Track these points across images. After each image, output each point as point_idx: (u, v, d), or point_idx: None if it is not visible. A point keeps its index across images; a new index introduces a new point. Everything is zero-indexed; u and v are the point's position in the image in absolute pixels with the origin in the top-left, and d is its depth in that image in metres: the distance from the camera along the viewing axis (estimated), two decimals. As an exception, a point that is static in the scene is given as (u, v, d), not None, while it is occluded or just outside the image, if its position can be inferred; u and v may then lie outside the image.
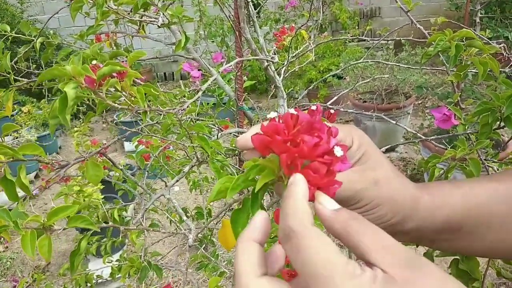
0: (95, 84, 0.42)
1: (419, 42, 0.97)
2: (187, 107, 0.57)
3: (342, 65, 3.67)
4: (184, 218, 0.72)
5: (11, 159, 0.50)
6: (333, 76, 3.64)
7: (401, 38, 0.95)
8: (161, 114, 0.76)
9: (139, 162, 1.10)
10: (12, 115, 4.37)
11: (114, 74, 0.48)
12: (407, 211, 0.39)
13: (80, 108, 4.42)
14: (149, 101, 0.59)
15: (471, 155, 0.65)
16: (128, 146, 4.12)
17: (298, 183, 0.28)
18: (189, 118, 0.72)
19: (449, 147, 0.72)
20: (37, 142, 3.98)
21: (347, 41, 4.21)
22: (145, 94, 0.54)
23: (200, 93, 0.59)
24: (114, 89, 0.53)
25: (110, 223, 0.67)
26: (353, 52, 3.88)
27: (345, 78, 3.77)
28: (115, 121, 4.93)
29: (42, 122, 4.31)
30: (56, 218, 0.49)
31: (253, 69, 4.73)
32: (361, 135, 0.39)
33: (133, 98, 0.53)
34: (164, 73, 6.40)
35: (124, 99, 0.51)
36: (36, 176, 3.82)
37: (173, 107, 0.56)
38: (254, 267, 0.28)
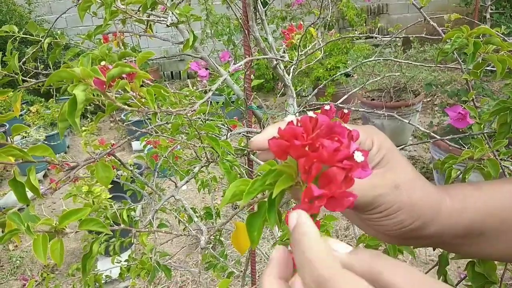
0: (104, 86, 0.41)
1: (431, 38, 0.95)
2: (197, 108, 0.56)
3: (349, 62, 3.64)
4: (195, 219, 0.71)
5: (21, 161, 0.49)
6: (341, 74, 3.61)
7: (413, 36, 0.94)
8: (170, 114, 0.75)
9: (150, 162, 1.09)
10: (21, 115, 4.40)
11: (124, 76, 0.47)
12: (428, 215, 0.38)
13: (88, 107, 4.45)
14: (158, 101, 0.58)
15: (487, 155, 0.63)
16: (136, 145, 4.13)
17: (304, 223, 0.26)
18: (198, 118, 0.71)
19: (466, 147, 0.70)
20: (45, 142, 4.00)
21: (354, 39, 4.18)
22: (154, 95, 0.53)
23: (210, 93, 0.58)
24: (123, 90, 0.52)
25: (121, 225, 0.66)
26: (361, 50, 3.85)
27: (352, 76, 3.74)
28: (123, 120, 4.95)
29: (51, 121, 4.34)
30: (67, 222, 0.49)
31: (260, 68, 4.72)
32: (381, 137, 0.38)
33: (142, 100, 0.52)
34: (171, 72, 6.41)
35: (134, 101, 0.50)
36: (45, 176, 3.84)
37: (183, 107, 0.55)
38: None
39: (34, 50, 1.06)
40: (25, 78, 1.00)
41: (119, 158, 0.66)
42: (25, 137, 4.04)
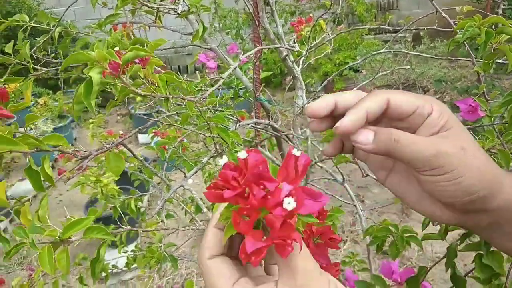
0: (119, 70, 0.42)
1: (442, 31, 0.94)
2: (208, 95, 0.56)
3: (358, 58, 3.62)
4: (204, 209, 0.71)
5: (35, 150, 0.49)
6: (349, 69, 3.60)
7: (424, 28, 0.93)
8: (180, 105, 0.75)
9: (160, 153, 1.09)
10: (28, 107, 4.42)
11: (137, 61, 0.47)
12: (493, 186, 0.36)
13: (96, 100, 4.46)
14: (168, 91, 0.58)
15: (497, 147, 0.63)
16: (142, 138, 4.14)
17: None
18: (208, 108, 0.71)
19: (477, 138, 0.70)
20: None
21: (363, 34, 4.16)
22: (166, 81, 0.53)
23: (221, 81, 0.58)
24: (133, 78, 0.52)
25: (127, 227, 0.67)
26: (370, 45, 3.82)
27: (361, 72, 3.72)
28: (130, 114, 4.96)
29: (58, 113, 4.36)
30: (71, 232, 0.49)
31: (268, 63, 4.70)
32: (441, 104, 0.37)
33: (154, 87, 0.52)
34: (179, 66, 6.41)
35: (146, 86, 0.51)
36: (52, 167, 3.87)
37: (195, 95, 0.55)
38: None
39: (45, 39, 1.06)
40: (36, 67, 1.01)
41: (129, 148, 0.67)
42: (32, 129, 4.07)
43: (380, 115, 0.37)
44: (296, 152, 0.29)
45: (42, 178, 0.48)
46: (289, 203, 0.26)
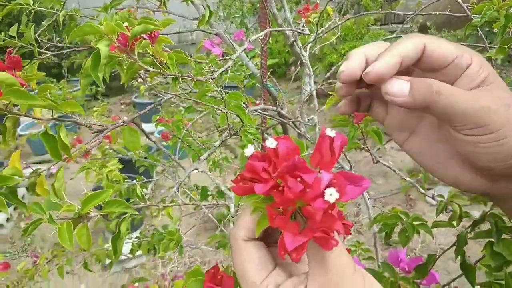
0: (127, 44, 0.40)
1: (451, 21, 0.92)
2: (217, 75, 0.55)
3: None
4: (222, 188, 0.70)
5: (50, 119, 0.47)
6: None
7: (436, 13, 0.91)
8: (186, 89, 0.74)
9: (176, 129, 1.08)
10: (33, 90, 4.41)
11: (146, 37, 0.46)
12: None
13: (99, 89, 4.45)
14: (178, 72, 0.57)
15: None
16: (147, 127, 4.13)
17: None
18: (220, 90, 0.69)
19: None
20: (57, 123, 4.02)
21: (369, 24, 4.12)
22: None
23: (230, 62, 0.57)
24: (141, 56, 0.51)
25: (147, 203, 0.65)
26: (376, 36, 3.79)
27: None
28: (134, 103, 4.95)
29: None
30: (90, 206, 0.47)
31: (272, 52, 4.67)
32: (480, 56, 0.33)
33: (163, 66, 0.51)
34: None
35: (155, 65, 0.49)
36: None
37: (204, 75, 0.54)
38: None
39: (50, 22, 1.05)
40: (41, 50, 1.00)
41: (142, 128, 0.65)
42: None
43: (413, 64, 0.33)
44: (330, 133, 0.26)
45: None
46: (331, 195, 0.23)
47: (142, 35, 0.44)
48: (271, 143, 0.25)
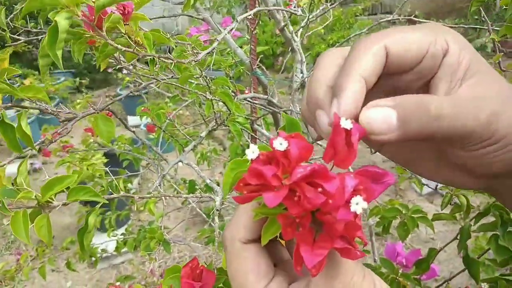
0: (93, 18, 0.35)
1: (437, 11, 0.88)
2: (201, 59, 0.49)
3: (352, 38, 3.56)
4: (208, 181, 0.65)
5: (9, 105, 0.41)
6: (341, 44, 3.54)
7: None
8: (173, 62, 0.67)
9: (156, 118, 1.02)
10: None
11: (116, 12, 0.40)
12: None
13: (83, 81, 4.35)
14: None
15: None
16: (132, 120, 4.05)
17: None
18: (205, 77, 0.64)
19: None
20: (40, 116, 3.92)
21: (357, 14, 4.09)
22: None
23: (215, 44, 0.52)
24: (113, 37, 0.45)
25: (121, 193, 0.59)
26: (364, 25, 3.75)
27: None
28: (118, 95, 4.85)
29: (44, 95, 4.25)
30: (52, 193, 0.41)
31: (260, 43, 4.61)
32: (456, 34, 0.26)
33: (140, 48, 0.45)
34: (168, 47, 6.28)
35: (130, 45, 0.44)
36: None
37: (187, 58, 0.48)
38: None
39: (23, 5, 0.98)
40: (14, 36, 0.93)
41: (120, 118, 0.60)
42: (18, 110, 3.96)
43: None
44: (346, 124, 0.21)
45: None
46: (358, 204, 0.19)
47: (114, 11, 0.39)
48: (280, 143, 0.21)
